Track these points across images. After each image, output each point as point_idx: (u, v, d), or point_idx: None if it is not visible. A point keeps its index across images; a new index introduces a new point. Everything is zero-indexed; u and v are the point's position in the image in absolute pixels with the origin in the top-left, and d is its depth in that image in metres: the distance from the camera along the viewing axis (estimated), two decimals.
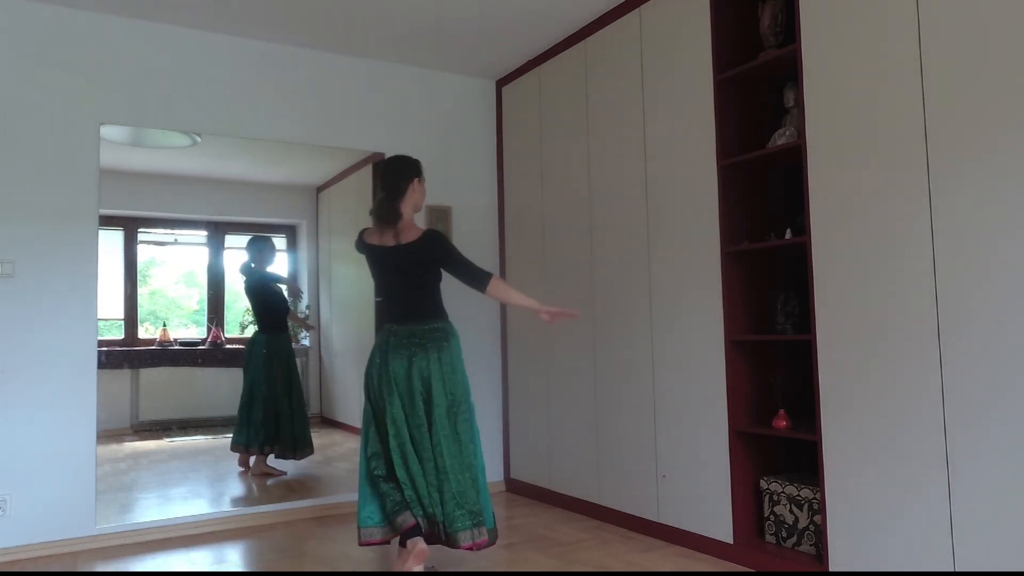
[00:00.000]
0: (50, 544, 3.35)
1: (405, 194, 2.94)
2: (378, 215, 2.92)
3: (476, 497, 2.76)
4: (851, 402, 2.57)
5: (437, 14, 3.70)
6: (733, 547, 3.02)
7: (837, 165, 2.62)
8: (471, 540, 2.70)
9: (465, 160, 4.56)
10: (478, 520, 2.73)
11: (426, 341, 2.84)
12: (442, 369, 2.82)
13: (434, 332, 2.87)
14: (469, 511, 2.73)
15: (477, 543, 2.71)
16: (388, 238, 2.91)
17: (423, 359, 2.82)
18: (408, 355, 2.83)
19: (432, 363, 2.82)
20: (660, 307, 3.37)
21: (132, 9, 3.58)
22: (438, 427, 2.77)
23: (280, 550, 3.34)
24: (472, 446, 2.82)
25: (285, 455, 4.24)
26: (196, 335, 4.26)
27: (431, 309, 2.91)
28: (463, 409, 2.84)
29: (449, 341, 2.88)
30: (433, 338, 2.85)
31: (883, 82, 2.48)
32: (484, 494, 2.84)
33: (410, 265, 2.89)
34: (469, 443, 2.81)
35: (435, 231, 2.95)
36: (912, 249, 2.39)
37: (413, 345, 2.84)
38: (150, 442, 4.07)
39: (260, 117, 3.96)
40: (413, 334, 2.85)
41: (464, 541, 2.70)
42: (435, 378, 2.80)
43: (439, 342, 2.86)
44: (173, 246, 4.27)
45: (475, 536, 2.71)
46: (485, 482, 2.86)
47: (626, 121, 3.58)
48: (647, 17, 3.45)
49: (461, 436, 2.80)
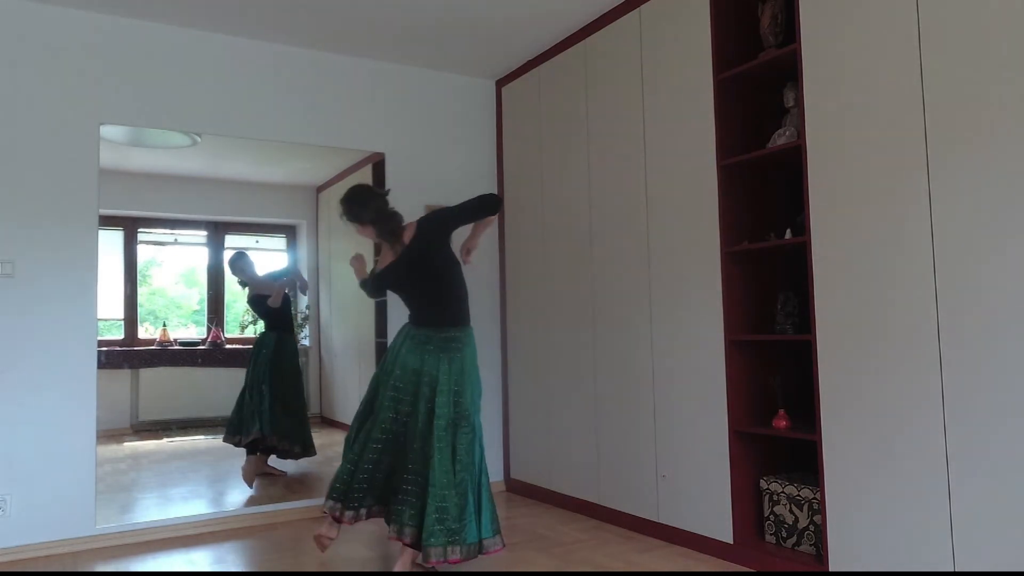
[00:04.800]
0: (50, 544, 3.35)
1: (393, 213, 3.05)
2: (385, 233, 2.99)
3: (459, 514, 2.71)
4: (851, 402, 2.57)
5: (437, 14, 3.70)
6: (733, 547, 3.02)
7: (837, 165, 2.62)
8: (443, 557, 2.65)
9: (465, 160, 4.56)
10: (454, 539, 2.68)
11: (439, 350, 2.87)
12: (450, 380, 2.82)
13: (449, 341, 2.89)
14: (448, 528, 2.68)
15: (449, 560, 2.66)
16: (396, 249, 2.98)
17: (434, 366, 2.84)
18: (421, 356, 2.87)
19: (443, 373, 2.82)
20: (660, 307, 3.37)
21: (132, 9, 3.58)
22: (435, 439, 2.75)
23: (280, 550, 3.34)
24: (469, 458, 2.79)
25: (286, 455, 4.24)
26: (196, 335, 4.26)
27: (451, 313, 2.93)
28: (466, 423, 2.82)
29: (463, 351, 2.90)
30: (448, 347, 2.88)
31: (883, 82, 2.48)
32: (486, 500, 2.82)
33: (421, 258, 2.94)
34: (467, 455, 2.78)
35: (420, 219, 3.04)
36: (912, 249, 2.39)
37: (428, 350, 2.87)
38: (150, 442, 4.07)
39: (260, 117, 3.97)
40: (430, 339, 2.89)
41: (435, 557, 2.64)
42: (441, 388, 2.80)
43: (452, 352, 2.88)
44: (173, 246, 4.27)
45: (448, 554, 2.66)
46: (488, 488, 2.85)
47: (626, 121, 3.58)
48: (647, 17, 3.46)
49: (459, 448, 2.77)
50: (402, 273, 2.97)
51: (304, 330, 4.51)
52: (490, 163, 4.64)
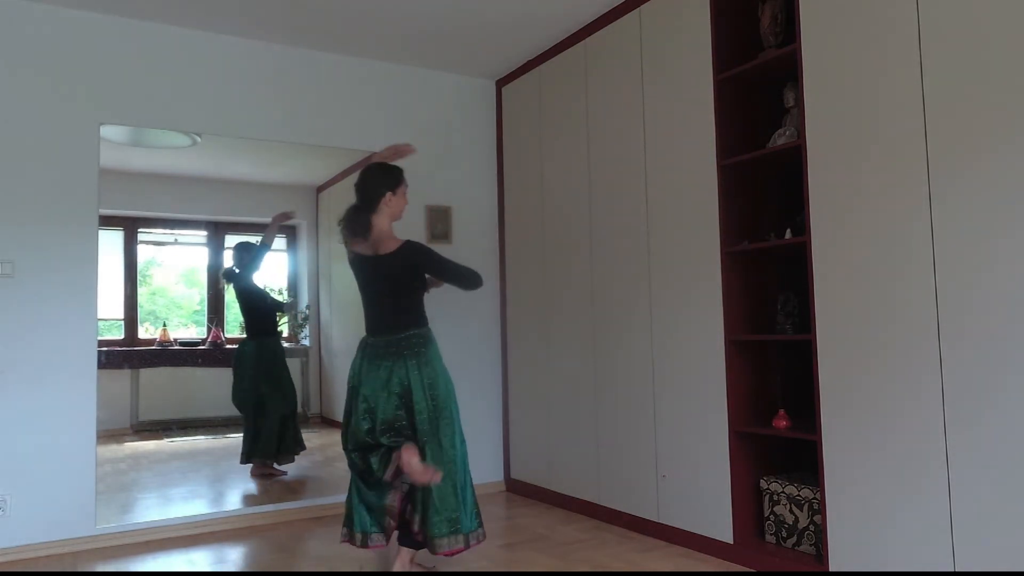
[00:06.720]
0: (50, 544, 3.35)
1: (377, 207, 2.88)
2: (347, 226, 2.86)
3: (456, 504, 2.77)
4: (851, 402, 2.57)
5: (437, 14, 3.70)
6: (733, 547, 3.02)
7: (837, 165, 2.62)
8: (448, 547, 2.74)
9: (465, 160, 4.56)
10: (455, 528, 2.76)
11: (403, 349, 2.82)
12: (421, 375, 2.80)
13: (411, 340, 2.83)
14: (447, 518, 2.74)
15: (454, 550, 2.75)
16: (366, 248, 2.88)
17: (402, 367, 2.79)
18: (389, 365, 2.80)
19: (411, 370, 2.79)
20: (660, 307, 3.37)
21: (132, 9, 3.58)
22: (419, 435, 2.77)
23: (280, 550, 3.34)
24: (453, 450, 2.80)
25: (280, 459, 4.23)
26: (196, 335, 4.26)
27: (407, 319, 2.87)
28: (445, 414, 2.82)
29: (427, 347, 2.85)
30: (410, 345, 2.82)
31: (883, 82, 2.48)
32: (469, 493, 2.84)
33: (387, 276, 2.86)
34: (451, 448, 2.80)
35: (414, 242, 2.89)
36: (912, 249, 2.39)
37: (390, 355, 2.81)
38: (150, 442, 4.07)
39: (260, 117, 3.96)
40: (390, 344, 2.83)
41: (441, 548, 2.73)
42: (415, 385, 2.79)
43: (415, 348, 2.83)
44: (173, 246, 4.27)
45: (451, 544, 2.74)
46: (470, 481, 2.86)
47: (626, 121, 3.58)
48: (647, 17, 3.45)
49: (443, 441, 2.79)
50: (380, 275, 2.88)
51: (304, 330, 4.51)
52: (490, 163, 4.64)
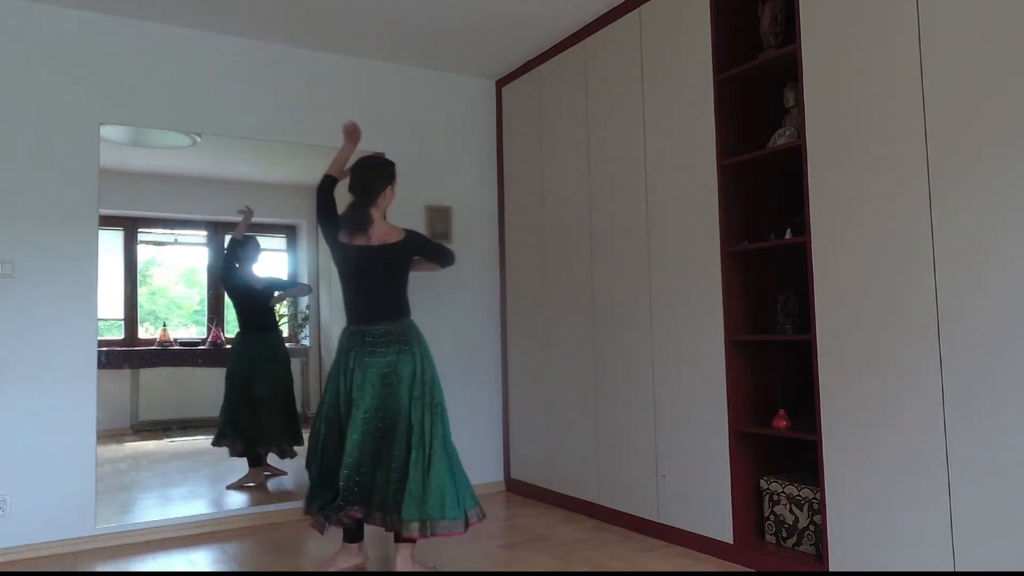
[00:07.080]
0: (50, 544, 3.35)
1: (377, 200, 2.98)
2: (351, 221, 2.93)
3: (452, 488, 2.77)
4: (851, 402, 2.57)
5: (437, 14, 3.70)
6: (733, 547, 3.02)
7: (837, 165, 2.62)
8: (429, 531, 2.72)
9: (465, 160, 4.56)
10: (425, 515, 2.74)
11: (401, 337, 2.90)
12: (424, 365, 2.89)
13: (408, 329, 2.93)
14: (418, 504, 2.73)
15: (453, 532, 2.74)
16: (364, 240, 2.94)
17: (408, 356, 2.87)
18: (383, 352, 2.87)
19: (416, 359, 2.88)
20: (660, 307, 3.37)
21: (132, 9, 3.58)
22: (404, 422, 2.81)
23: (280, 550, 3.34)
24: (438, 438, 2.84)
25: (282, 455, 4.23)
26: (196, 335, 4.26)
27: (401, 309, 2.98)
28: (432, 401, 2.88)
29: (422, 337, 2.98)
30: (408, 334, 2.92)
31: (883, 82, 2.48)
32: (460, 476, 2.84)
33: (388, 266, 2.95)
34: (438, 435, 2.83)
35: (414, 231, 3.03)
36: (912, 249, 2.39)
37: (389, 343, 2.88)
38: (150, 442, 4.06)
39: (260, 117, 3.97)
40: (388, 333, 2.90)
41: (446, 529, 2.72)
42: (404, 373, 2.85)
43: (416, 337, 2.94)
44: (173, 246, 4.27)
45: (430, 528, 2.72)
46: (460, 465, 2.88)
47: (626, 121, 3.58)
48: (647, 17, 3.45)
49: (425, 429, 2.82)
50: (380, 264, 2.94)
51: (304, 330, 4.51)
52: (490, 163, 4.64)
